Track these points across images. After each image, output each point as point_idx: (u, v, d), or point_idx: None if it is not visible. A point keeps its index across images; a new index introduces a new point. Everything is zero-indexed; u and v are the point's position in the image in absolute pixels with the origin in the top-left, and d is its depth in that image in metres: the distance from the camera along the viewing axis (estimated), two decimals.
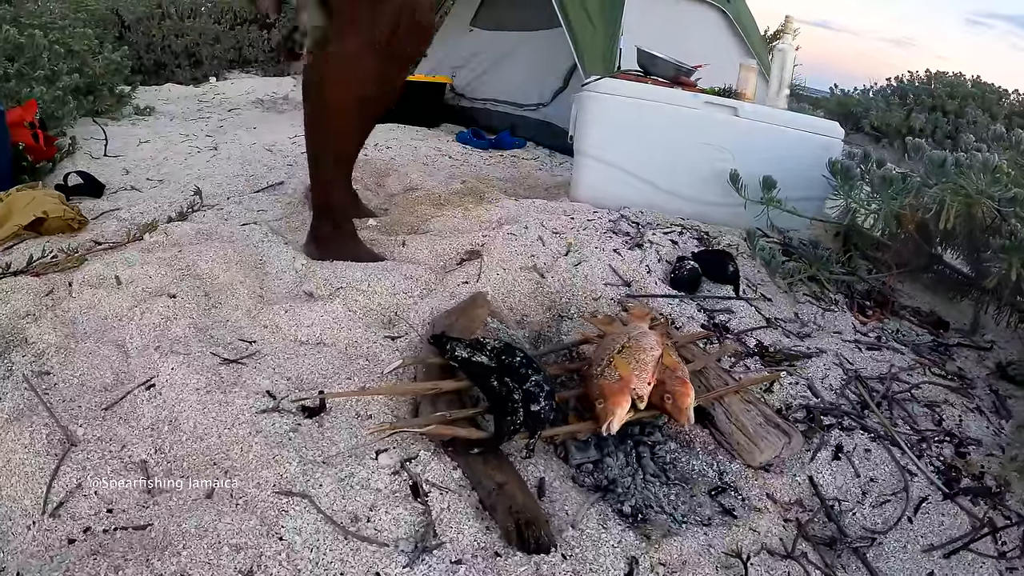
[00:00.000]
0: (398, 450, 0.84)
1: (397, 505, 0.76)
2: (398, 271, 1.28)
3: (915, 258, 1.60)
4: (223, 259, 1.32)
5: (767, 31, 3.98)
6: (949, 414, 1.17)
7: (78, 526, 0.74)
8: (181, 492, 0.77)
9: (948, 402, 1.20)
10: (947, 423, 1.15)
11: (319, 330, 1.10)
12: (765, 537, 0.84)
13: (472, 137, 2.66)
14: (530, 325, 1.21)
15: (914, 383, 1.23)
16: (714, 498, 0.89)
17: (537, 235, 1.42)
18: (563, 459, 0.91)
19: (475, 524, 0.75)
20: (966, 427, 1.15)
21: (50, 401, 0.90)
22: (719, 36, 2.75)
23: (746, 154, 1.73)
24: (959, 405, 1.20)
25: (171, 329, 1.08)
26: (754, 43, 2.81)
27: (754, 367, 1.17)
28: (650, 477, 0.90)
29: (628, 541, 0.76)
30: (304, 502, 0.75)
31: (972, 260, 1.53)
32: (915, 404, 1.18)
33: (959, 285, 1.60)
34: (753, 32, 2.85)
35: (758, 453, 0.94)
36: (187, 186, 1.92)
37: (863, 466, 1.00)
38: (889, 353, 1.32)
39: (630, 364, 0.89)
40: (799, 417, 1.08)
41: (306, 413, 0.90)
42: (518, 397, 0.82)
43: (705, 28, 2.71)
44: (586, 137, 1.77)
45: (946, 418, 1.16)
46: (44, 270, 1.31)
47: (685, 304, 1.28)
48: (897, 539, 0.90)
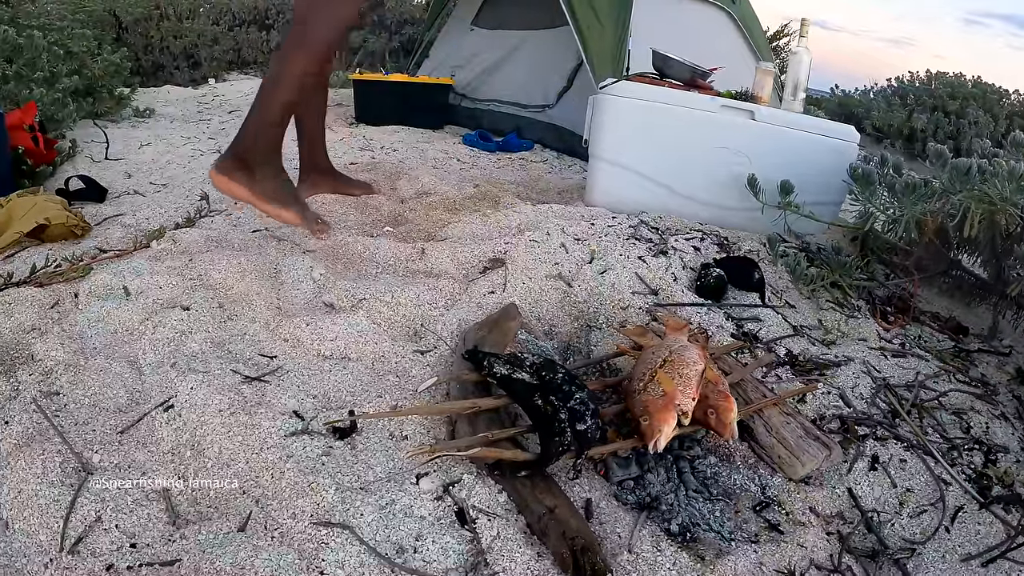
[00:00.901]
0: (439, 474, 0.79)
1: (444, 533, 0.71)
2: (421, 282, 1.22)
3: (934, 263, 1.58)
4: (236, 268, 1.25)
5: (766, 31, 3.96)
6: (976, 421, 1.15)
7: (100, 563, 0.68)
8: (211, 524, 0.71)
9: (975, 409, 1.18)
10: (975, 430, 1.13)
11: (343, 344, 1.05)
12: (812, 552, 0.81)
13: (479, 139, 2.60)
14: (558, 336, 1.17)
15: (941, 391, 1.21)
16: (759, 513, 0.85)
17: (560, 242, 1.37)
18: (603, 477, 0.87)
19: (527, 551, 0.70)
20: (993, 434, 1.13)
21: (61, 425, 0.84)
22: (724, 37, 2.72)
23: (762, 158, 1.70)
24: (985, 412, 1.18)
25: (186, 344, 1.02)
26: (759, 44, 2.79)
27: (785, 377, 1.13)
28: (693, 493, 0.86)
29: (683, 563, 0.72)
30: (345, 533, 0.70)
31: (992, 266, 1.51)
32: (943, 412, 1.16)
33: (977, 290, 1.58)
34: (758, 33, 2.83)
35: (800, 466, 0.90)
36: (192, 190, 1.85)
37: (899, 476, 0.98)
38: (914, 360, 1.29)
39: (674, 379, 0.85)
40: (833, 428, 1.05)
41: (337, 435, 0.85)
42: (564, 416, 0.78)
43: (710, 29, 2.68)
44: (601, 141, 1.73)
45: (974, 425, 1.14)
46: (48, 280, 1.24)
47: (713, 313, 1.24)
48: (936, 549, 0.88)
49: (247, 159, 1.32)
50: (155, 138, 2.46)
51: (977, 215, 1.31)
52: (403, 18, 4.60)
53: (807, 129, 1.73)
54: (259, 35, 4.50)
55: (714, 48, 2.59)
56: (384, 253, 1.37)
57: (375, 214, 1.68)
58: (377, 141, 2.50)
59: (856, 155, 1.74)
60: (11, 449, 0.79)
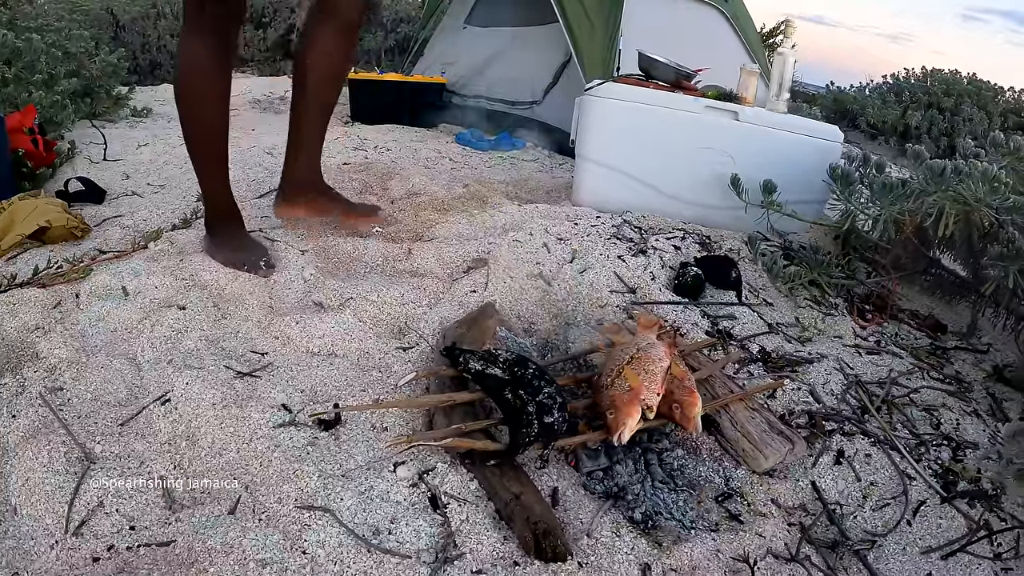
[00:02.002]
0: (415, 462, 0.86)
1: (417, 517, 0.78)
2: (406, 281, 1.29)
3: (913, 262, 1.63)
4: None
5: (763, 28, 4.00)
6: (947, 418, 1.20)
7: (102, 544, 0.75)
8: (203, 508, 0.78)
9: (946, 406, 1.23)
10: (945, 427, 1.18)
11: (331, 341, 1.12)
12: (770, 541, 0.87)
13: (471, 138, 2.66)
14: (537, 333, 1.23)
15: (913, 387, 1.26)
16: (721, 504, 0.91)
17: (542, 242, 1.44)
18: (574, 467, 0.93)
19: (494, 534, 0.77)
20: (963, 430, 1.18)
21: (65, 418, 0.91)
22: (717, 35, 2.76)
23: (747, 158, 1.75)
24: (956, 409, 1.23)
25: (182, 342, 1.09)
26: (751, 42, 2.83)
27: (757, 373, 1.19)
28: (659, 484, 0.92)
29: (641, 548, 0.79)
30: (326, 516, 0.77)
31: (970, 265, 1.56)
32: (914, 408, 1.21)
33: (957, 288, 1.63)
34: (750, 31, 2.87)
35: (763, 459, 0.96)
36: (188, 191, 1.92)
37: (864, 470, 1.03)
38: (888, 357, 1.35)
39: (640, 375, 0.91)
40: (801, 423, 1.10)
41: (322, 426, 0.92)
42: (532, 409, 0.84)
43: (703, 27, 2.73)
44: (588, 141, 1.79)
45: (944, 422, 1.19)
46: (50, 281, 1.31)
47: (689, 310, 1.30)
48: (897, 541, 0.93)
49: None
50: (152, 138, 2.53)
51: (952, 215, 1.36)
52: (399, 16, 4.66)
53: (790, 129, 1.78)
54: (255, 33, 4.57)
55: (707, 46, 2.64)
56: (372, 253, 1.44)
57: None
58: (371, 140, 2.56)
59: (839, 154, 1.79)
60: (19, 440, 0.86)
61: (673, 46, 2.33)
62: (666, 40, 2.45)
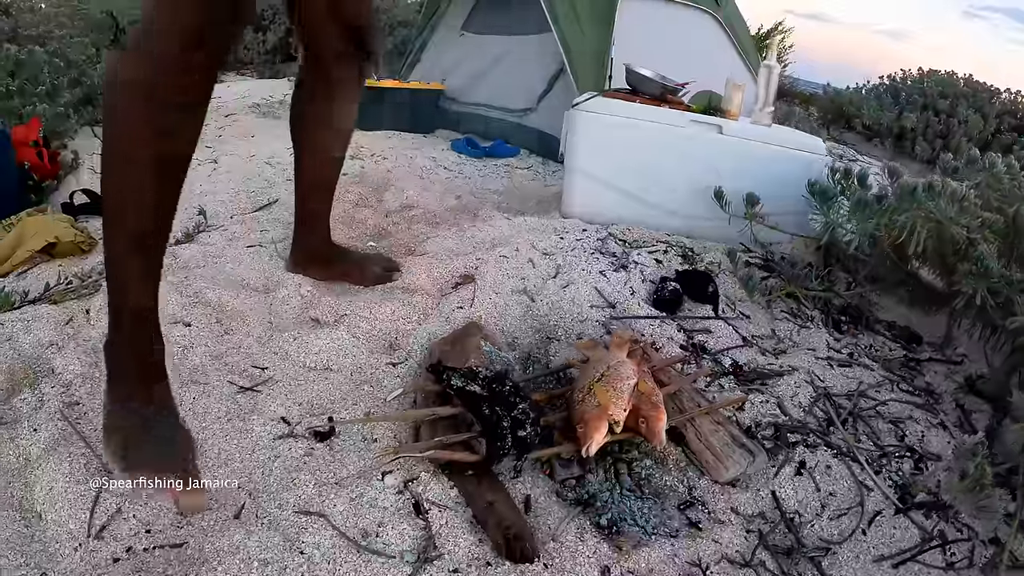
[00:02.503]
0: (401, 472, 0.96)
1: (402, 521, 0.89)
2: (397, 298, 1.39)
3: (891, 274, 1.72)
4: (233, 284, 1.43)
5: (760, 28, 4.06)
6: (912, 430, 1.26)
7: (121, 546, 0.86)
8: (212, 513, 0.89)
9: (912, 418, 1.29)
10: (909, 439, 1.24)
11: (326, 357, 1.22)
12: (726, 547, 0.96)
13: (467, 146, 2.75)
14: (520, 347, 1.34)
15: (881, 400, 1.31)
16: (683, 511, 1.02)
17: (528, 257, 1.54)
18: (549, 475, 1.04)
19: (470, 537, 0.88)
20: (928, 442, 1.24)
21: (83, 431, 1.02)
22: (711, 40, 2.83)
23: (731, 170, 1.84)
24: (923, 421, 1.29)
25: (189, 358, 1.20)
26: (744, 46, 2.90)
27: (728, 386, 1.29)
28: (626, 492, 1.02)
29: (602, 552, 0.89)
30: (321, 520, 0.88)
31: (944, 278, 1.64)
32: (880, 420, 1.26)
33: (933, 300, 1.72)
34: (744, 35, 2.94)
35: (724, 471, 1.06)
36: (190, 203, 2.02)
37: (823, 481, 1.09)
38: (859, 370, 1.43)
39: (608, 392, 1.01)
40: (767, 435, 1.20)
41: (318, 438, 1.03)
42: (507, 424, 0.95)
43: (696, 32, 2.80)
44: (576, 155, 1.88)
45: (909, 434, 1.25)
46: (61, 297, 1.42)
47: (666, 325, 1.40)
48: (851, 549, 0.98)
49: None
50: None
51: (923, 234, 1.45)
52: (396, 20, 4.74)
53: (773, 142, 1.86)
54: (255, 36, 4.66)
55: (701, 52, 2.72)
56: None
57: (361, 228, 1.85)
58: (368, 148, 2.66)
59: (822, 167, 1.87)
60: (41, 452, 0.97)
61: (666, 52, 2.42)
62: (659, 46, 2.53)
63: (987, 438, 1.27)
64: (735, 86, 1.89)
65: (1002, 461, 1.23)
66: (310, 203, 1.41)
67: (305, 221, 1.44)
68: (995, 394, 1.42)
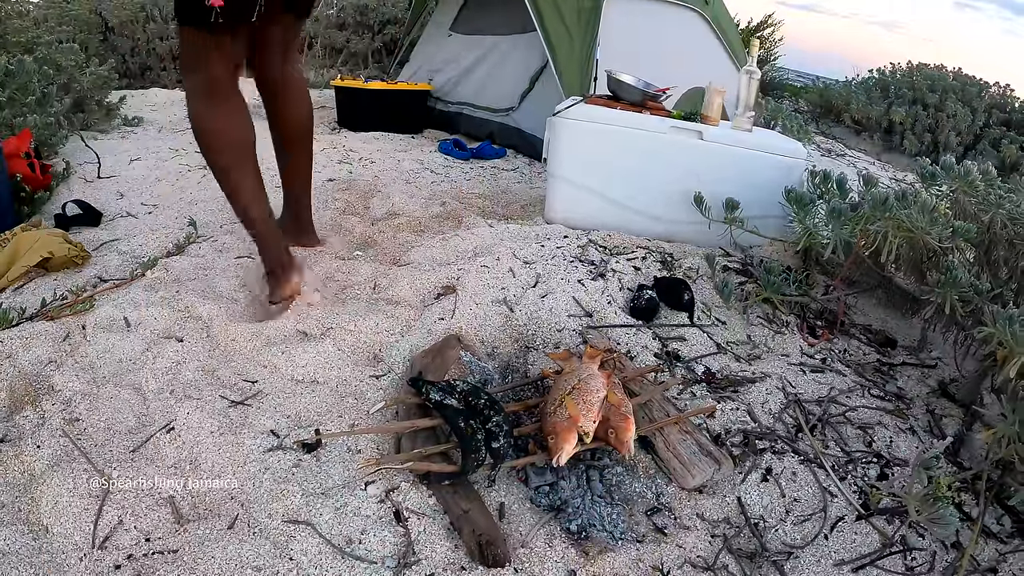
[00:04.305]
0: (383, 482, 1.05)
1: (383, 529, 0.97)
2: (381, 310, 1.47)
3: (867, 278, 1.79)
4: (222, 298, 1.51)
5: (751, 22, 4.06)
6: (881, 435, 1.30)
7: (122, 554, 0.94)
8: (207, 523, 0.97)
9: (881, 423, 1.33)
10: (877, 444, 1.28)
11: (312, 370, 1.30)
12: (690, 552, 1.03)
13: (453, 148, 2.80)
14: (500, 357, 1.41)
15: (851, 406, 1.36)
16: (650, 517, 1.10)
17: (508, 267, 1.61)
18: (524, 483, 1.12)
19: (446, 543, 0.96)
20: (896, 448, 1.28)
21: (84, 447, 1.10)
22: (698, 38, 2.87)
23: (711, 175, 1.90)
24: (892, 426, 1.33)
25: (182, 373, 1.28)
26: (732, 43, 2.93)
27: (700, 394, 1.37)
28: (597, 498, 1.10)
29: (570, 557, 0.98)
30: (308, 528, 0.96)
31: (918, 284, 1.71)
32: (849, 426, 1.31)
33: (908, 304, 1.79)
34: (731, 32, 2.97)
35: (691, 478, 1.14)
36: (181, 212, 2.09)
37: (789, 487, 1.15)
38: (832, 375, 1.47)
39: (578, 404, 1.09)
40: (736, 442, 1.25)
41: (305, 450, 1.11)
42: (481, 436, 1.03)
43: (684, 31, 2.83)
44: (558, 161, 1.94)
45: (876, 439, 1.29)
46: (57, 314, 1.50)
47: (641, 333, 1.47)
48: (812, 554, 1.03)
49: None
50: (144, 151, 2.69)
51: (895, 243, 1.51)
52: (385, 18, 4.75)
53: (753, 147, 1.92)
54: None
55: (687, 50, 2.75)
56: (352, 279, 1.62)
57: (349, 236, 1.92)
58: (356, 152, 2.72)
59: (801, 171, 1.94)
60: (45, 468, 1.05)
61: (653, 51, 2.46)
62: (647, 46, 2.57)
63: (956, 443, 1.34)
64: (715, 91, 1.94)
65: (969, 467, 1.30)
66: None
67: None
68: (966, 399, 1.48)
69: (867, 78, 4.09)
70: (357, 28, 4.76)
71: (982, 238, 1.61)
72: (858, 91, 3.88)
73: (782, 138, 2.02)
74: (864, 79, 4.11)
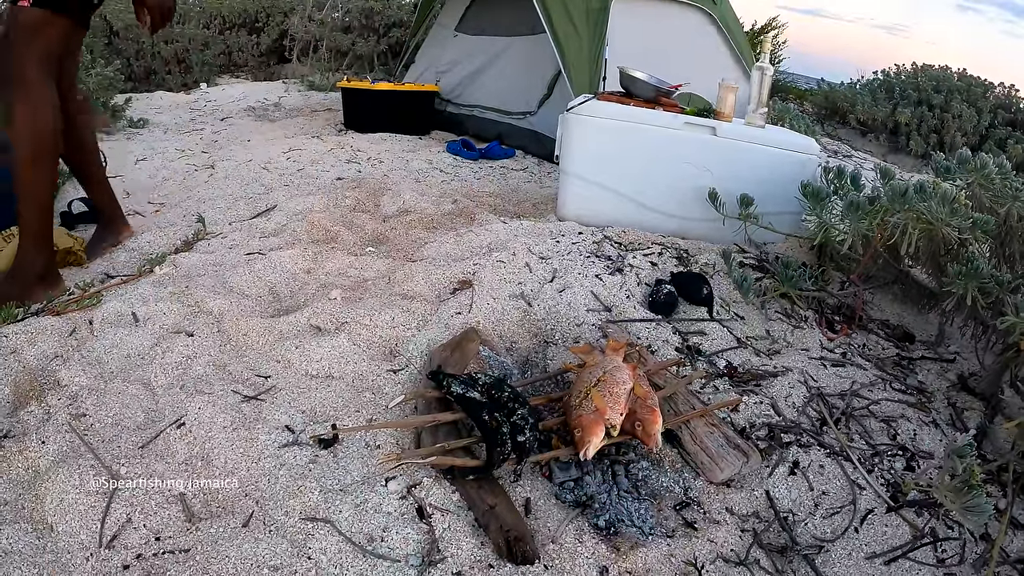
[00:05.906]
0: (404, 477, 0.99)
1: (406, 526, 0.92)
2: (396, 304, 1.42)
3: (884, 273, 1.76)
4: (233, 292, 1.46)
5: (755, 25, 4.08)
6: (904, 428, 1.28)
7: (131, 554, 0.89)
8: (220, 521, 0.92)
9: (904, 416, 1.31)
10: (901, 437, 1.26)
11: (328, 364, 1.25)
12: (721, 547, 0.99)
13: (462, 148, 2.77)
14: (518, 351, 1.37)
15: (874, 399, 1.33)
16: (679, 512, 1.05)
17: (524, 262, 1.56)
18: (548, 478, 1.07)
19: (472, 540, 0.91)
20: (920, 440, 1.26)
21: (91, 442, 1.05)
22: (705, 38, 2.86)
23: (725, 171, 1.87)
24: (915, 419, 1.31)
25: (192, 367, 1.23)
26: (739, 43, 2.92)
27: (723, 388, 1.32)
28: (624, 493, 1.05)
29: (600, 552, 0.93)
30: (327, 526, 0.91)
31: (937, 277, 1.67)
32: (872, 419, 1.29)
33: (926, 298, 1.75)
34: (738, 32, 2.96)
35: (719, 471, 1.10)
36: (188, 210, 2.05)
37: (817, 480, 1.12)
38: (853, 369, 1.45)
39: (604, 397, 1.05)
40: (761, 435, 1.22)
41: (322, 445, 1.06)
42: (506, 430, 0.98)
43: (691, 30, 2.82)
44: (571, 158, 1.91)
45: (901, 432, 1.27)
46: (63, 309, 1.45)
47: (661, 327, 1.43)
48: (843, 547, 1.01)
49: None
50: (150, 151, 2.66)
51: (915, 234, 1.48)
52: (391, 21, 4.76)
53: (767, 143, 1.89)
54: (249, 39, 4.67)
55: (695, 50, 2.74)
56: (366, 275, 1.57)
57: (360, 233, 1.88)
58: (364, 152, 2.68)
59: (815, 167, 1.91)
60: (50, 465, 1.00)
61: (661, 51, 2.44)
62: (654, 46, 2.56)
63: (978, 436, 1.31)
64: (728, 87, 1.92)
65: (993, 459, 1.27)
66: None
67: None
68: (987, 392, 1.45)
69: (872, 79, 4.10)
70: (363, 31, 4.76)
71: (998, 231, 1.58)
72: (863, 92, 3.88)
73: (795, 134, 2.00)
74: (869, 80, 4.12)
